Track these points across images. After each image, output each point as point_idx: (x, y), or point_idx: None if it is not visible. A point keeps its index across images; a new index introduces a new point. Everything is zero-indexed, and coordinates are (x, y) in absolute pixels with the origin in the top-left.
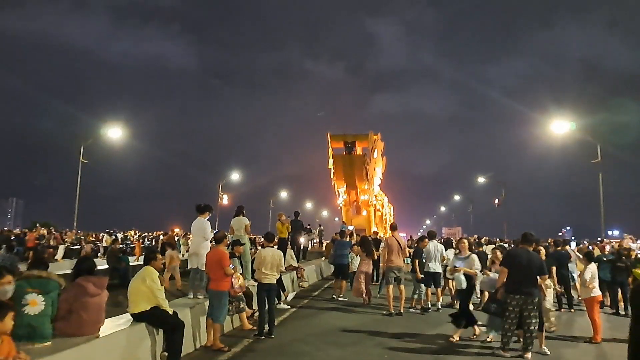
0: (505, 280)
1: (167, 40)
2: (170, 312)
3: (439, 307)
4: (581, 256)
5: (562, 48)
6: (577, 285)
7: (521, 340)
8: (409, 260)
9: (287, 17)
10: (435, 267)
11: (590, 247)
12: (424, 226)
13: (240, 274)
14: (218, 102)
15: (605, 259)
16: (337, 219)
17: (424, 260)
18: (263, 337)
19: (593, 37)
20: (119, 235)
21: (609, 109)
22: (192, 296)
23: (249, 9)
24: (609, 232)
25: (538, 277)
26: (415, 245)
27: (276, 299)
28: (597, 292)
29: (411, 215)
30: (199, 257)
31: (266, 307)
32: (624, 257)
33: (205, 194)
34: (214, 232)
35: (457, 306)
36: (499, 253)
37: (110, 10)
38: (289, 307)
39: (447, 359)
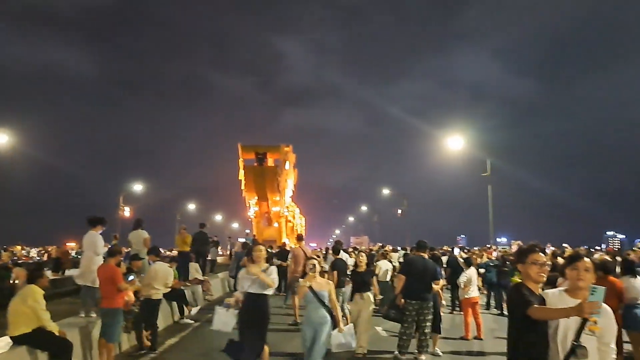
0: (402, 286)
1: (65, 47)
2: (57, 333)
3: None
4: (462, 261)
5: (454, 73)
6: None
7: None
8: None
9: (194, 29)
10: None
11: (480, 253)
12: (334, 236)
13: None
14: (122, 112)
15: (491, 264)
16: (247, 230)
17: None
18: None
19: (479, 64)
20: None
21: (494, 129)
22: (83, 315)
23: (155, 18)
24: (498, 240)
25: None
26: (325, 255)
27: (179, 314)
28: (472, 294)
29: (322, 226)
30: (90, 273)
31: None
32: (508, 262)
33: (107, 207)
34: (109, 246)
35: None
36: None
37: (2, 15)
38: (193, 321)
39: None
